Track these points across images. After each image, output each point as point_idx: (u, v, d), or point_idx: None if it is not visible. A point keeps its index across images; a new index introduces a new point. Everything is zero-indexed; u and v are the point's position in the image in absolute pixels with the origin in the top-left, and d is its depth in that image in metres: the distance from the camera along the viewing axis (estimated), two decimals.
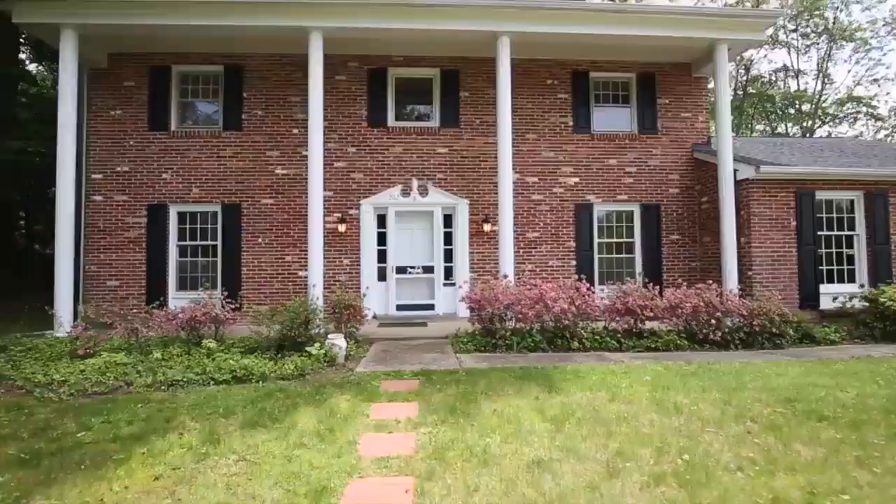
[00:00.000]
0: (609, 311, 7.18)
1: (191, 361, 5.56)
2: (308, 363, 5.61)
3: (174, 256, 9.48)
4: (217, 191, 9.50)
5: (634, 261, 10.11)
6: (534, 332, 6.93)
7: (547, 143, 10.01)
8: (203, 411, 4.09)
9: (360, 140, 9.71)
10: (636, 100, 10.33)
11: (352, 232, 9.55)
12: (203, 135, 9.55)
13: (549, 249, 9.86)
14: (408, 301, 9.63)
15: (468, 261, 9.65)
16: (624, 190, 10.09)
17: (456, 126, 9.85)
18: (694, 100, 10.40)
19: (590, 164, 10.05)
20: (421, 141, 9.79)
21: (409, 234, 9.76)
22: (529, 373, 5.26)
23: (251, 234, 9.47)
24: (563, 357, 6.34)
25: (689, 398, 4.33)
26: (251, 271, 9.43)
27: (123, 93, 9.51)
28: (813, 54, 26.15)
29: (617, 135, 10.15)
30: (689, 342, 7.07)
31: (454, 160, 9.80)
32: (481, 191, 9.77)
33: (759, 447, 3.34)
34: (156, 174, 9.45)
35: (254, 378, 5.14)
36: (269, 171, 9.56)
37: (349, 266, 9.52)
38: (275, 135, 9.62)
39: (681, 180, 10.20)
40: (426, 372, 5.40)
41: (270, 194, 9.53)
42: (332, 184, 9.54)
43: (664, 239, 10.09)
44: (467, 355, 6.50)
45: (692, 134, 10.31)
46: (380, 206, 9.65)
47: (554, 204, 9.94)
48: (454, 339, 7.28)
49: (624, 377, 5.08)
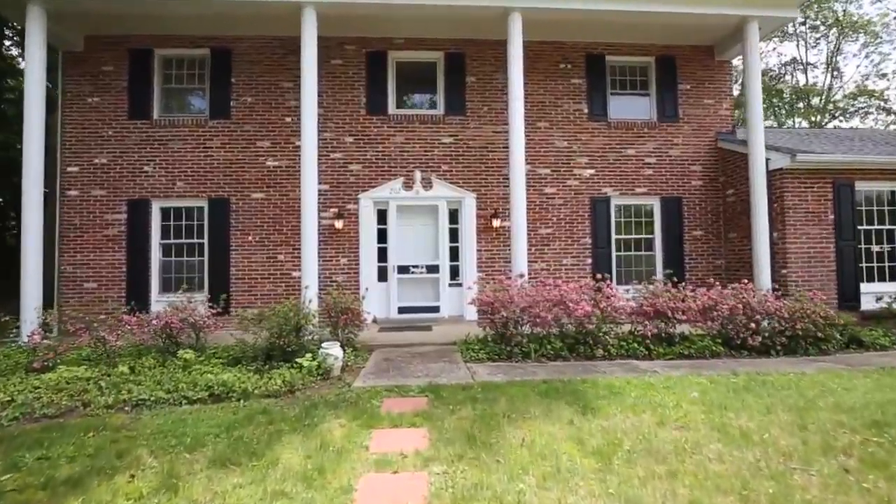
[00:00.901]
0: (636, 313, 6.45)
1: (163, 376, 4.82)
2: (299, 377, 4.87)
3: (157, 256, 8.73)
4: (203, 185, 8.75)
5: (654, 259, 9.38)
6: (552, 338, 6.21)
7: (560, 132, 9.27)
8: (166, 442, 3.35)
9: (359, 129, 8.97)
10: (655, 85, 9.59)
11: (350, 228, 8.81)
12: (188, 124, 8.80)
13: (563, 246, 9.12)
14: (411, 303, 8.89)
15: (475, 259, 8.91)
16: (643, 182, 9.35)
17: (462, 114, 9.11)
18: (717, 85, 9.67)
19: (606, 155, 9.31)
20: (424, 130, 9.05)
21: (411, 231, 9.02)
22: (555, 388, 4.52)
23: (240, 232, 8.73)
24: (589, 367, 5.61)
25: (755, 422, 3.60)
26: (241, 272, 8.68)
27: (101, 78, 8.76)
28: (822, 47, 25.40)
29: (635, 123, 9.42)
30: (725, 348, 6.35)
31: (460, 151, 9.06)
32: (490, 183, 9.03)
33: (872, 495, 2.61)
34: (137, 167, 8.70)
35: (234, 396, 4.40)
36: (260, 163, 8.82)
37: (347, 265, 8.78)
38: (266, 123, 8.88)
39: (704, 172, 9.47)
40: (435, 387, 4.66)
41: (261, 188, 8.79)
42: (327, 176, 8.80)
43: (686, 235, 9.36)
44: (479, 365, 5.77)
45: (716, 122, 9.58)
46: (380, 200, 8.91)
47: (568, 197, 9.20)
48: (463, 346, 6.56)
49: (666, 393, 4.35)
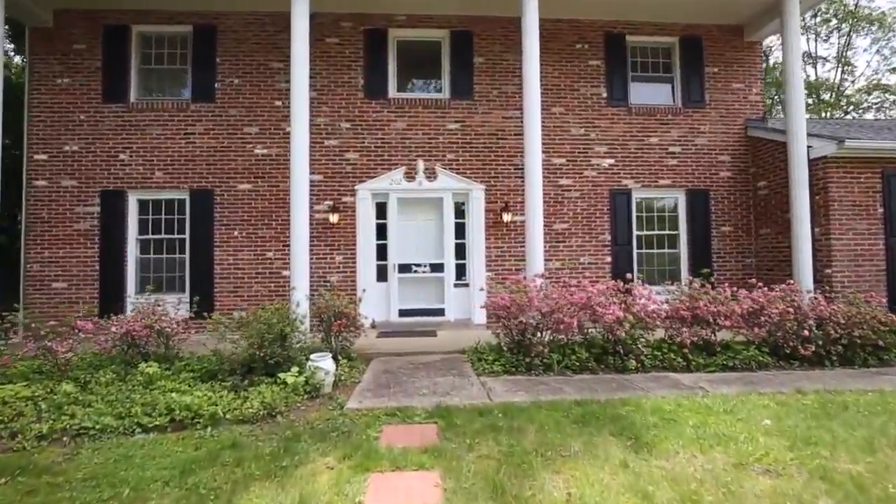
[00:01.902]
0: (670, 318, 5.65)
1: (119, 394, 4.02)
2: (281, 396, 4.07)
3: (134, 253, 7.92)
4: (185, 174, 7.94)
5: (679, 257, 8.59)
6: (577, 347, 5.41)
7: (576, 118, 8.46)
8: (97, 495, 2.55)
9: (356, 114, 8.16)
10: (679, 68, 8.78)
11: (346, 223, 8.01)
12: (168, 108, 7.99)
13: (580, 243, 8.33)
14: (413, 305, 8.09)
15: (484, 257, 8.11)
16: (667, 173, 8.56)
17: (469, 98, 8.30)
18: (747, 68, 8.87)
19: (627, 143, 8.51)
20: (428, 115, 8.24)
21: (413, 226, 8.22)
22: (592, 412, 3.72)
23: (225, 227, 7.92)
24: (623, 382, 4.81)
25: (861, 464, 2.81)
26: (226, 270, 7.88)
27: (73, 57, 7.94)
28: (834, 41, 24.58)
29: (658, 109, 8.62)
30: (772, 358, 5.56)
31: (467, 138, 8.25)
32: (500, 174, 8.23)
33: None
34: (111, 155, 7.89)
35: (201, 422, 3.60)
36: (248, 151, 8.01)
37: (343, 264, 7.98)
38: (254, 108, 8.07)
39: (732, 162, 8.67)
40: (445, 410, 3.86)
41: (249, 178, 7.98)
42: (321, 165, 8.00)
43: (714, 231, 8.56)
44: (494, 379, 4.97)
45: (745, 108, 8.78)
46: (379, 192, 8.10)
47: (585, 190, 8.40)
48: (473, 355, 5.76)
49: (730, 419, 3.55)
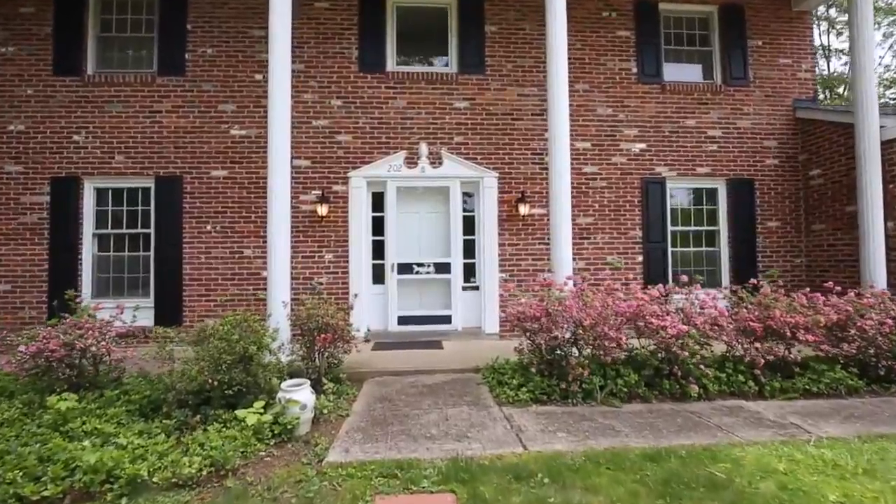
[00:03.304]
0: (736, 332, 4.55)
1: (12, 442, 2.90)
2: (237, 444, 2.95)
3: (91, 250, 6.80)
4: (150, 159, 6.82)
5: (718, 256, 7.49)
6: (621, 368, 4.31)
7: (603, 96, 7.37)
8: None
9: (350, 90, 7.06)
10: (719, 41, 7.70)
11: (336, 216, 6.90)
12: (131, 82, 6.87)
13: (607, 240, 7.23)
14: (414, 311, 6.99)
15: (497, 255, 7.01)
16: (705, 160, 7.47)
17: (480, 72, 7.20)
18: (795, 42, 7.78)
19: (660, 125, 7.42)
20: (432, 92, 7.14)
21: (415, 220, 7.12)
22: (675, 473, 2.62)
23: (197, 219, 6.80)
24: (688, 417, 3.71)
25: None
26: (196, 270, 6.76)
27: (19, 22, 6.81)
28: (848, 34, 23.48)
29: (696, 86, 7.53)
30: (863, 380, 4.47)
31: (478, 118, 7.15)
32: (515, 159, 7.13)
33: None
34: (64, 136, 6.77)
35: (115, 488, 2.49)
36: (223, 132, 6.90)
37: (333, 263, 6.87)
38: (230, 82, 6.95)
39: (780, 148, 7.58)
40: (464, 468, 2.75)
41: (224, 164, 6.87)
42: (308, 149, 6.89)
43: (759, 227, 7.47)
44: (522, 411, 3.87)
45: (793, 86, 7.70)
46: (376, 180, 7.00)
47: (613, 178, 7.31)
48: (490, 375, 4.67)
49: (878, 487, 2.46)
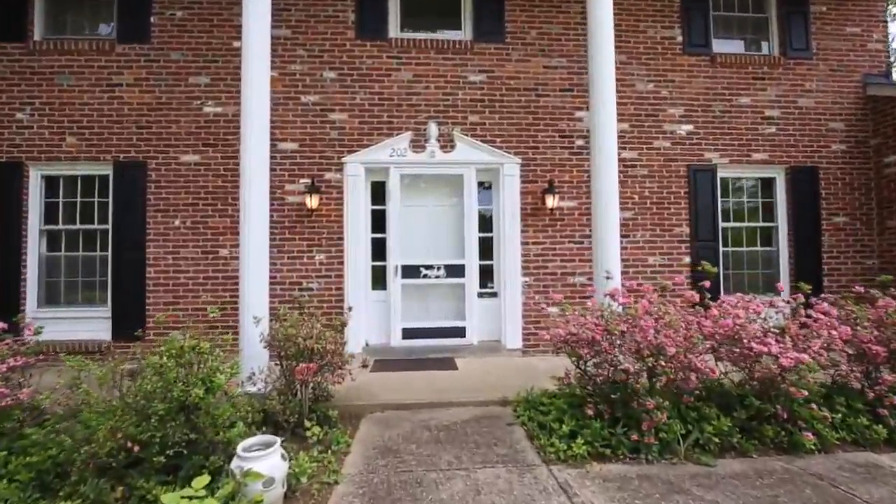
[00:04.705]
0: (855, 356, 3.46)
1: None
2: None
3: (38, 249, 5.72)
4: (108, 141, 5.73)
5: (775, 258, 6.41)
6: (704, 408, 3.20)
7: (643, 70, 6.28)
8: None
9: (345, 60, 5.97)
10: (776, 6, 6.61)
11: (330, 209, 5.81)
12: (85, 50, 5.78)
13: (648, 238, 6.14)
14: (422, 322, 5.90)
15: (520, 256, 5.92)
16: (762, 144, 6.37)
17: (499, 40, 6.11)
18: (865, 8, 6.69)
19: (709, 104, 6.33)
20: (443, 63, 6.05)
21: (423, 213, 6.03)
22: None
23: (163, 213, 5.71)
24: (815, 484, 2.62)
25: None
26: (162, 273, 5.67)
27: None
28: None
29: (750, 59, 6.43)
30: None
31: (496, 94, 6.06)
32: (541, 143, 6.03)
33: None
34: (5, 113, 5.68)
35: None
36: (195, 109, 5.81)
37: (325, 265, 5.78)
38: (204, 50, 5.86)
39: (847, 131, 6.49)
40: None
41: (196, 147, 5.77)
42: (296, 129, 5.81)
43: (824, 223, 6.39)
44: (581, 473, 2.76)
45: (863, 59, 6.60)
46: (376, 166, 5.91)
47: (655, 165, 6.22)
48: (526, 412, 3.58)
49: None
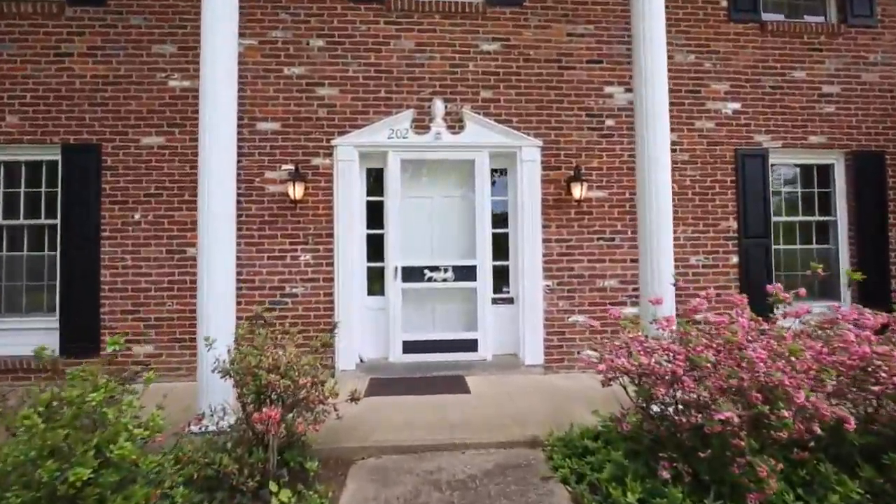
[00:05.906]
0: None
1: None
2: None
3: None
4: (56, 120, 4.85)
5: (833, 256, 5.55)
6: (814, 464, 2.35)
7: (682, 39, 5.40)
8: None
9: (336, 26, 5.08)
10: None
11: (317, 201, 4.94)
12: (28, 13, 4.90)
13: (689, 235, 5.28)
14: (426, 333, 5.03)
15: (540, 256, 5.04)
16: (819, 125, 5.50)
17: (516, 3, 5.22)
18: None
19: (759, 79, 5.45)
20: (451, 30, 5.17)
21: (427, 206, 5.16)
22: None
23: (121, 205, 4.84)
24: None
25: None
26: (121, 276, 4.80)
27: None
28: None
29: (805, 27, 5.55)
30: None
31: (512, 66, 5.18)
32: (564, 122, 5.16)
33: None
34: None
35: None
36: (159, 84, 4.92)
37: (312, 267, 4.90)
38: (169, 14, 4.97)
39: None
40: None
41: (160, 127, 4.90)
42: (277, 106, 4.93)
43: (892, 217, 5.52)
44: None
45: None
46: (373, 150, 5.03)
47: (697, 150, 5.35)
48: (563, 459, 2.74)
49: None
